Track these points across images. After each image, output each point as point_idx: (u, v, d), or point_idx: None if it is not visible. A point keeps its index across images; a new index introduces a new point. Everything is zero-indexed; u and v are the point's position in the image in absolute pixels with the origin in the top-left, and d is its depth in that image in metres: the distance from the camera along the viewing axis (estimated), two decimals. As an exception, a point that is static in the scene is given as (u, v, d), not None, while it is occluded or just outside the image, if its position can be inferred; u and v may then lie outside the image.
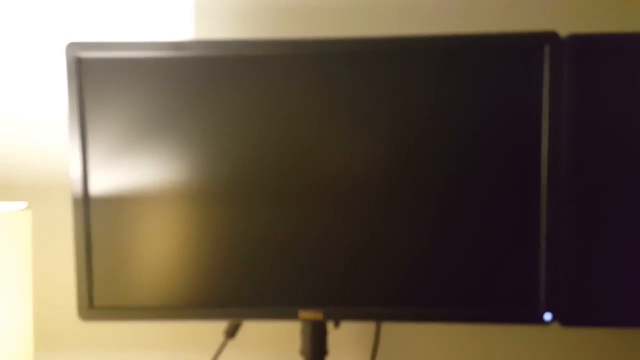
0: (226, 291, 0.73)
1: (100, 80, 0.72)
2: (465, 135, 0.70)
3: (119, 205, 0.72)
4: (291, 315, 0.73)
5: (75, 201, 0.73)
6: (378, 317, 0.74)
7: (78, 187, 0.72)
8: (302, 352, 0.76)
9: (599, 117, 0.70)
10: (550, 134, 0.69)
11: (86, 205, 0.73)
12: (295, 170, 0.71)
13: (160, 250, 0.73)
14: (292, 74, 0.71)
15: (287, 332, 0.87)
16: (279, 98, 0.71)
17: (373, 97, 0.71)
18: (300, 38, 0.71)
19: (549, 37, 0.69)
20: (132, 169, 0.72)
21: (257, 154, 0.71)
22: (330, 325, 0.76)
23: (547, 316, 0.70)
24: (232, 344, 0.83)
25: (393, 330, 0.87)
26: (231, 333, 0.80)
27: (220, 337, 0.82)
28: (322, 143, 0.71)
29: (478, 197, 0.71)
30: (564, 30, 0.69)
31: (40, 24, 0.86)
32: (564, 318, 0.71)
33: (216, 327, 0.84)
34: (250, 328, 0.86)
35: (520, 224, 0.70)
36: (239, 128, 0.72)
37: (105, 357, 0.89)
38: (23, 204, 0.73)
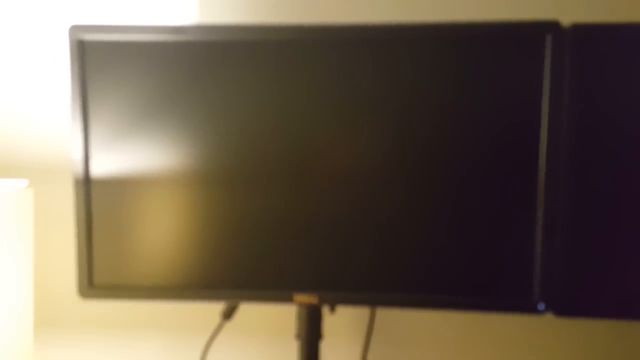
0: (224, 273, 0.74)
1: (103, 63, 0.72)
2: (464, 124, 0.70)
3: (120, 186, 0.73)
4: (286, 298, 0.74)
5: (77, 181, 0.74)
6: (372, 302, 0.74)
7: (79, 167, 0.74)
8: (298, 336, 0.77)
9: (600, 107, 0.69)
10: (550, 124, 0.69)
11: (87, 185, 0.74)
12: (292, 155, 0.72)
13: (160, 231, 0.74)
14: (292, 58, 0.71)
15: (284, 317, 0.88)
16: (280, 82, 0.71)
17: (373, 82, 0.71)
18: (301, 23, 0.71)
19: (551, 27, 0.68)
20: (133, 151, 0.73)
21: (256, 138, 0.72)
22: (326, 311, 0.77)
23: (541, 306, 0.70)
24: (229, 327, 0.84)
25: (388, 317, 0.88)
26: (228, 315, 0.81)
27: (217, 320, 0.83)
28: (319, 127, 0.71)
29: (475, 186, 0.71)
30: (566, 20, 0.69)
31: (43, 5, 0.87)
32: (557, 308, 0.71)
33: (213, 310, 0.85)
34: (247, 313, 0.88)
35: (516, 213, 0.70)
36: (239, 112, 0.72)
37: (103, 336, 0.91)
38: (24, 182, 0.75)
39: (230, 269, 0.74)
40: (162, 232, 0.74)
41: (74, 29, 0.72)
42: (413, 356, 0.89)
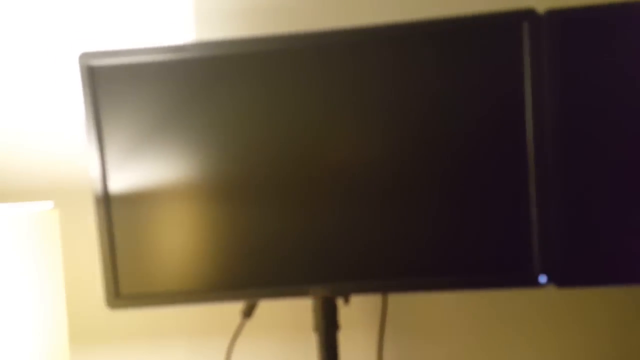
0: (241, 274, 0.78)
1: (112, 85, 0.77)
2: (453, 112, 0.74)
3: (137, 200, 0.78)
4: (302, 293, 0.78)
5: (97, 198, 0.78)
6: (381, 288, 0.78)
7: (98, 186, 0.78)
8: (316, 328, 0.81)
9: (581, 89, 0.72)
10: (534, 104, 0.72)
11: (107, 202, 0.78)
12: (301, 158, 0.76)
13: (178, 239, 0.78)
14: (293, 67, 0.75)
15: (302, 311, 0.91)
16: (282, 92, 0.76)
17: (361, 84, 0.75)
18: (295, 32, 0.75)
19: (527, 14, 0.72)
20: (147, 166, 0.77)
21: (265, 146, 0.76)
22: (341, 304, 0.81)
23: (542, 278, 0.73)
24: (250, 326, 0.88)
25: (401, 306, 0.92)
26: (248, 313, 0.85)
27: (237, 320, 0.87)
28: (323, 132, 0.76)
29: (469, 169, 0.74)
30: (541, 7, 0.73)
31: (57, 33, 0.93)
32: (559, 279, 0.74)
33: (233, 311, 0.89)
34: (267, 310, 0.91)
35: (511, 189, 0.74)
36: (247, 124, 0.76)
37: (131, 345, 0.95)
38: (50, 204, 0.79)
39: (247, 270, 0.78)
40: (180, 240, 0.78)
41: (84, 56, 0.77)
42: (427, 342, 0.92)
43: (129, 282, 0.79)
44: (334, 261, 0.77)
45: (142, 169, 0.78)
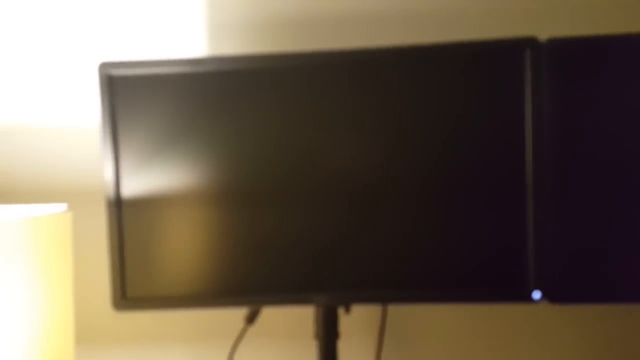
0: (246, 280, 0.81)
1: (129, 94, 0.80)
2: (455, 133, 0.77)
3: (148, 205, 0.80)
4: (305, 301, 0.80)
5: (109, 202, 0.81)
6: (383, 299, 0.82)
7: (111, 191, 0.81)
8: (316, 336, 0.83)
9: (579, 116, 0.75)
10: (534, 134, 0.75)
11: (119, 206, 0.81)
12: (308, 170, 0.79)
13: (186, 245, 0.81)
14: (304, 83, 0.78)
15: (303, 318, 0.94)
16: (294, 106, 0.79)
17: (366, 104, 0.78)
18: (305, 50, 0.79)
19: (529, 42, 0.76)
20: (160, 174, 0.80)
21: (273, 158, 0.79)
22: (342, 313, 0.83)
23: (536, 294, 0.76)
24: (252, 332, 0.90)
25: (401, 316, 0.94)
26: (251, 319, 0.87)
27: (240, 325, 0.89)
28: (330, 146, 0.79)
29: (469, 188, 0.78)
30: (543, 35, 0.76)
31: (71, 45, 0.96)
32: (552, 296, 0.77)
33: (236, 317, 0.91)
34: (269, 317, 0.94)
35: (508, 206, 0.77)
36: (256, 136, 0.79)
37: (135, 348, 0.97)
38: (63, 206, 0.82)
39: (251, 276, 0.80)
40: (187, 246, 0.81)
41: (103, 66, 0.80)
42: (425, 352, 0.95)
43: (136, 285, 0.81)
44: (337, 270, 0.80)
45: (154, 176, 0.80)
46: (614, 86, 0.75)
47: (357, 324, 0.93)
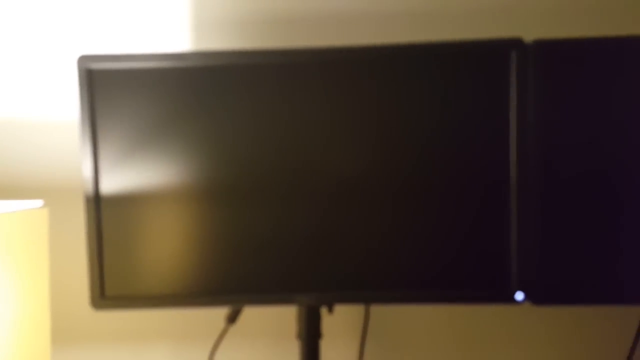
0: (227, 279, 0.79)
1: (109, 89, 0.78)
2: (438, 135, 0.77)
3: (128, 202, 0.79)
4: (287, 300, 0.80)
5: (88, 199, 0.79)
6: (366, 299, 0.81)
7: (90, 187, 0.79)
8: (299, 336, 0.83)
9: (564, 118, 0.76)
10: (518, 136, 0.75)
11: (97, 203, 0.79)
12: (289, 168, 0.78)
13: (165, 244, 0.79)
14: (287, 81, 0.77)
15: (285, 318, 0.93)
16: (275, 103, 0.78)
17: (349, 103, 0.77)
18: (290, 47, 0.78)
19: (515, 43, 0.76)
20: (139, 170, 0.79)
21: (254, 155, 0.78)
22: (325, 313, 0.83)
23: (519, 295, 0.76)
24: (233, 331, 0.89)
25: (384, 317, 0.94)
26: (232, 318, 0.86)
27: (221, 325, 0.88)
28: (313, 144, 0.78)
29: (453, 188, 0.77)
30: (529, 37, 0.76)
31: (53, 36, 0.93)
32: (535, 297, 0.77)
33: (217, 316, 0.90)
34: (251, 316, 0.93)
35: (492, 208, 0.77)
36: (237, 132, 0.78)
37: (114, 347, 0.95)
38: (39, 202, 0.80)
39: (233, 276, 0.79)
40: (167, 244, 0.79)
41: (83, 59, 0.78)
42: (407, 353, 0.95)
43: (114, 284, 0.80)
44: (320, 270, 0.79)
45: (133, 173, 0.79)
46: (600, 88, 0.76)
47: (339, 324, 0.93)
